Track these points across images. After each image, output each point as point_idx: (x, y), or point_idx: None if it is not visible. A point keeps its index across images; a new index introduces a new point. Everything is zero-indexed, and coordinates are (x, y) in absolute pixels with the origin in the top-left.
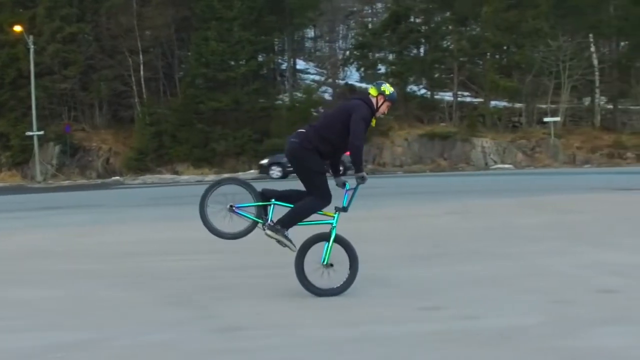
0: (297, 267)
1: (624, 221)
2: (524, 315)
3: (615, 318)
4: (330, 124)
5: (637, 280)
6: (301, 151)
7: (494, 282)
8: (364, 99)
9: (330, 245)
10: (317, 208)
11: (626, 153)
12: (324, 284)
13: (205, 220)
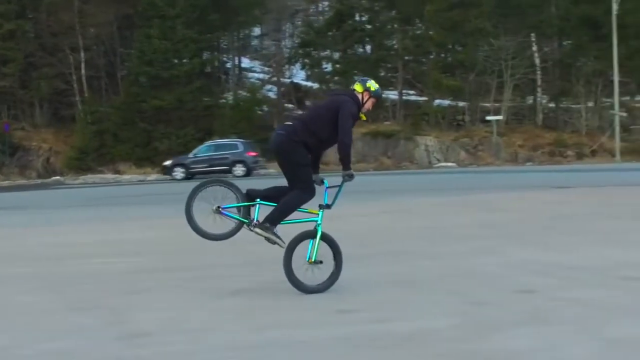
0: (285, 265)
1: (555, 219)
2: (437, 317)
3: (528, 319)
4: (318, 118)
5: (557, 280)
6: (288, 144)
7: (415, 283)
8: (350, 95)
9: (317, 243)
10: (302, 202)
11: (567, 151)
12: (311, 280)
13: (191, 222)
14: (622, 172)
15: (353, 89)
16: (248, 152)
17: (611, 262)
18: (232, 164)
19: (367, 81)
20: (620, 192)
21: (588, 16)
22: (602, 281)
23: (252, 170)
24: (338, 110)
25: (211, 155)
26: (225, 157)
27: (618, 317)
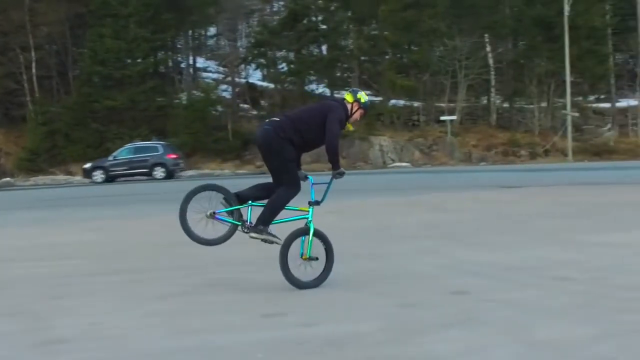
0: (281, 263)
1: (501, 219)
2: (365, 320)
3: (457, 322)
4: (306, 119)
5: (492, 281)
6: (275, 139)
7: (349, 284)
8: (340, 102)
9: (311, 239)
10: (289, 197)
11: (520, 151)
12: (305, 276)
13: (186, 228)
14: (572, 171)
15: (344, 98)
16: (168, 155)
17: (549, 262)
18: (152, 166)
19: (358, 92)
20: (569, 192)
21: (541, 17)
22: (537, 282)
23: (173, 172)
24: (327, 114)
25: (131, 158)
26: (145, 160)
27: (547, 319)
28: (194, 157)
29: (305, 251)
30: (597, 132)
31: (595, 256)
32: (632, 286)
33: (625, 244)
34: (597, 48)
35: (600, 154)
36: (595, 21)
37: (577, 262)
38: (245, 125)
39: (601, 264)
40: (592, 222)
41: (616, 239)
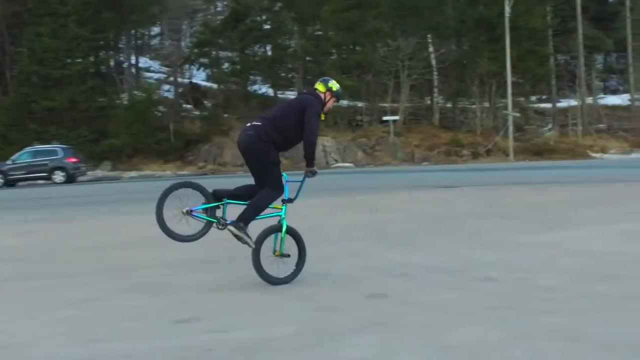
0: (254, 260)
1: (433, 219)
2: (279, 325)
3: (372, 326)
4: (285, 117)
5: (413, 282)
6: (259, 143)
7: (267, 288)
8: (314, 94)
9: (283, 236)
10: (273, 199)
11: (462, 151)
12: (277, 273)
13: (162, 225)
14: (512, 171)
15: (315, 88)
16: (68, 159)
17: (474, 263)
18: (52, 170)
19: (329, 81)
20: (504, 191)
21: (482, 18)
22: (459, 283)
23: (74, 177)
24: (304, 109)
25: (30, 161)
26: (44, 164)
27: (463, 322)
28: (136, 158)
29: (277, 248)
30: (538, 132)
31: (521, 256)
32: (553, 287)
33: (553, 243)
34: (537, 49)
35: (541, 154)
36: (536, 22)
37: (502, 262)
38: (188, 125)
39: (526, 264)
40: (522, 222)
41: (544, 239)
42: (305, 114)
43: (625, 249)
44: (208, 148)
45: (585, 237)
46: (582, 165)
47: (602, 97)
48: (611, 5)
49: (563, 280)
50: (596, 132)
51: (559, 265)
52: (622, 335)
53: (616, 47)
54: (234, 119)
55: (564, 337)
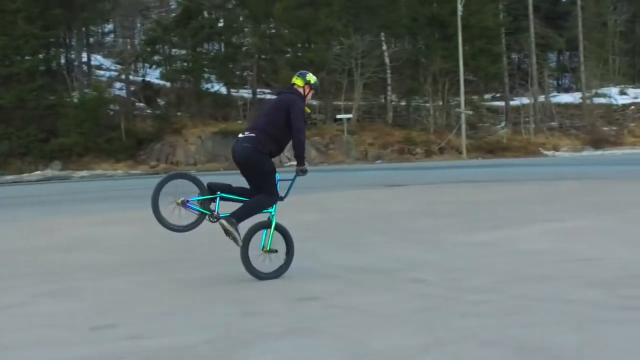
0: (242, 255)
1: (373, 219)
2: (197, 331)
3: (295, 330)
4: (273, 121)
5: (346, 284)
6: (257, 155)
7: (192, 293)
8: (294, 92)
9: (272, 233)
10: (268, 205)
11: (415, 149)
12: (266, 268)
13: (157, 215)
14: (464, 169)
15: (293, 83)
16: None
17: (409, 263)
18: None
19: (306, 74)
20: (451, 189)
21: (435, 16)
22: (391, 285)
23: None
24: (288, 109)
25: None
26: None
27: (387, 325)
28: (86, 157)
29: (266, 244)
30: (491, 130)
31: (456, 257)
32: (482, 288)
33: (490, 243)
34: (489, 47)
35: (494, 152)
36: (488, 21)
37: (436, 263)
38: (140, 124)
39: (460, 264)
40: (464, 221)
41: (482, 238)
42: (290, 115)
43: (560, 248)
44: (160, 147)
45: (523, 236)
46: (533, 163)
47: (555, 95)
48: (563, 4)
49: (493, 281)
50: (548, 130)
51: (492, 266)
52: (539, 339)
53: (568, 46)
54: (186, 118)
55: (480, 341)
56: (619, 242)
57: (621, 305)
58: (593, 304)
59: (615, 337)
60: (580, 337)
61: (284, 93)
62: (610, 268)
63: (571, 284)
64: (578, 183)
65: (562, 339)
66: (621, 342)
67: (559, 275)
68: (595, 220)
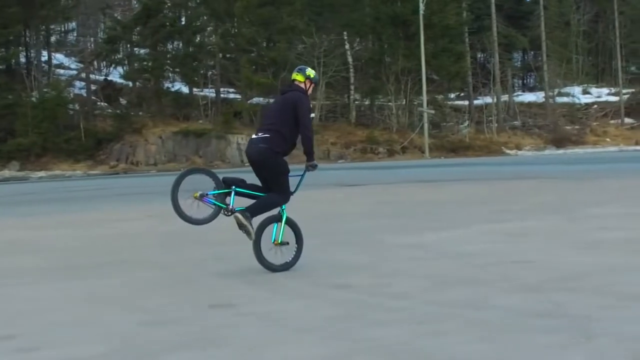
0: (255, 248)
1: (316, 220)
2: (96, 342)
3: (195, 341)
4: (284, 121)
5: (266, 290)
6: (272, 156)
7: (98, 300)
8: (297, 88)
9: (283, 226)
10: (281, 203)
11: (378, 148)
12: (277, 260)
13: (177, 208)
14: (424, 168)
15: (294, 80)
16: None
17: (336, 267)
18: None
19: (306, 69)
20: (405, 189)
21: (397, 15)
22: (312, 290)
23: None
24: (295, 107)
25: None
26: None
27: (295, 335)
28: (45, 157)
29: (277, 237)
30: (454, 129)
31: (391, 259)
32: (405, 294)
33: (428, 245)
34: (452, 46)
35: (456, 151)
36: (450, 20)
37: (368, 266)
38: (100, 124)
39: (390, 268)
40: (408, 222)
41: (423, 239)
42: (297, 112)
43: (498, 250)
44: (120, 147)
45: (463, 237)
46: (493, 163)
47: (520, 95)
48: (527, 4)
49: (419, 286)
50: (511, 129)
51: (423, 270)
52: (446, 350)
53: (532, 45)
54: (147, 117)
55: (387, 353)
56: (559, 243)
57: (539, 312)
58: (512, 311)
59: (523, 346)
60: (485, 348)
61: (287, 91)
62: (542, 271)
63: (496, 289)
64: (532, 182)
65: (467, 349)
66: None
67: (487, 279)
68: (541, 220)
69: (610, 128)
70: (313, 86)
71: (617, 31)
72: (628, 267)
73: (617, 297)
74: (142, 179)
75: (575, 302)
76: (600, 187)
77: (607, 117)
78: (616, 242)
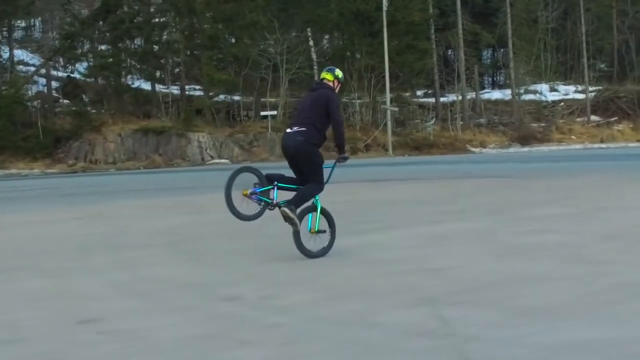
0: (295, 238)
1: (244, 222)
2: None
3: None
4: (317, 115)
5: (147, 303)
6: (309, 148)
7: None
8: (327, 86)
9: (318, 215)
10: (317, 192)
11: None
12: (314, 248)
13: (231, 207)
14: (384, 166)
15: (323, 78)
16: None
17: (233, 277)
18: None
19: (334, 70)
20: (352, 189)
21: (361, 12)
22: (194, 304)
23: None
24: (327, 104)
25: None
26: None
27: (147, 356)
28: (1, 156)
29: (313, 226)
30: (420, 126)
31: (295, 268)
32: (294, 307)
33: (345, 250)
34: (416, 43)
35: (420, 148)
36: (414, 16)
37: (269, 275)
38: (59, 122)
39: (292, 276)
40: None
41: (342, 244)
42: (329, 108)
43: (416, 256)
44: (79, 145)
45: (389, 241)
46: (454, 161)
47: (488, 92)
48: (494, 1)
49: (310, 298)
50: (476, 127)
51: (325, 278)
52: None
53: (500, 43)
54: (107, 115)
55: None
56: (483, 248)
57: (424, 330)
58: (395, 329)
59: None
60: None
61: (319, 88)
62: (449, 280)
63: (391, 302)
64: (483, 182)
65: None
66: None
67: (388, 290)
68: (475, 222)
69: (577, 126)
70: (340, 85)
71: (583, 28)
72: (540, 276)
73: (512, 313)
74: (98, 178)
75: (466, 319)
76: (549, 187)
77: (573, 115)
78: (542, 246)
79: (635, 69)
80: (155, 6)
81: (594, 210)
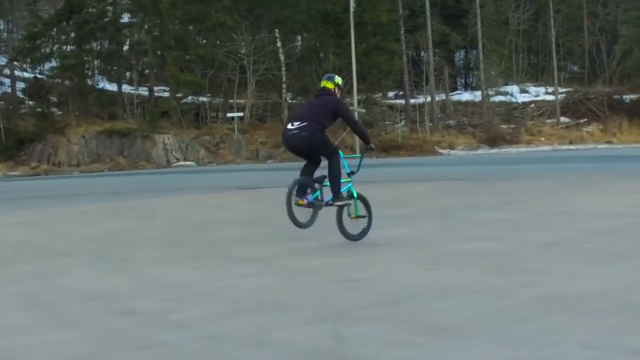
0: (338, 222)
1: (185, 228)
2: None
3: None
4: (323, 114)
5: (51, 316)
6: (317, 137)
7: None
8: (331, 93)
9: (356, 202)
10: (338, 162)
11: None
12: (354, 231)
13: (292, 217)
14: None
15: (324, 86)
16: None
17: (145, 288)
18: None
19: (334, 77)
20: None
21: (329, 13)
22: (89, 318)
23: None
24: (334, 108)
25: None
26: None
27: None
28: None
29: (352, 211)
30: (388, 128)
31: (209, 279)
32: (179, 325)
33: (271, 259)
34: (384, 44)
35: (389, 150)
36: (382, 17)
37: (180, 287)
38: (22, 123)
39: (202, 289)
40: (270, 231)
41: (268, 252)
42: (340, 114)
43: (333, 264)
44: (42, 147)
45: (320, 249)
46: (417, 163)
47: (458, 94)
48: (464, 2)
49: (208, 313)
50: (445, 128)
51: (234, 291)
52: None
53: (471, 44)
54: (70, 116)
55: None
56: (413, 257)
57: (316, 351)
58: (286, 349)
59: None
60: None
61: (323, 95)
62: (365, 293)
63: (294, 318)
64: (437, 184)
65: None
66: None
67: (296, 304)
68: (415, 228)
69: (546, 127)
70: (340, 91)
71: (553, 29)
72: (462, 288)
73: (416, 331)
74: (60, 181)
75: (365, 338)
76: (503, 189)
77: (543, 116)
78: (475, 255)
79: (605, 71)
80: (120, 6)
81: (541, 214)
